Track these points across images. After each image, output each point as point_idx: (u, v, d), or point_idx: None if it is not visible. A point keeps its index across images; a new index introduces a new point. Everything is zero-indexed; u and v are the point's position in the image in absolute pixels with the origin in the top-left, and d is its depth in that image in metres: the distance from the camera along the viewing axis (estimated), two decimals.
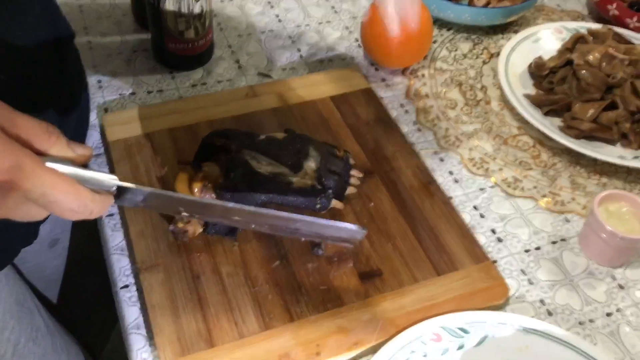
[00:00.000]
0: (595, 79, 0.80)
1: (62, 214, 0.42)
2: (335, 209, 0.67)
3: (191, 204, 0.52)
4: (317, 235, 0.57)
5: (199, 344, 0.57)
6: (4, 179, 0.38)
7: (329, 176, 0.65)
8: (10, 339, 0.65)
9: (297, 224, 0.53)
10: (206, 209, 0.54)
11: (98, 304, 1.00)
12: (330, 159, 0.66)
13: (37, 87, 0.63)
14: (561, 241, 0.71)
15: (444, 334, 0.58)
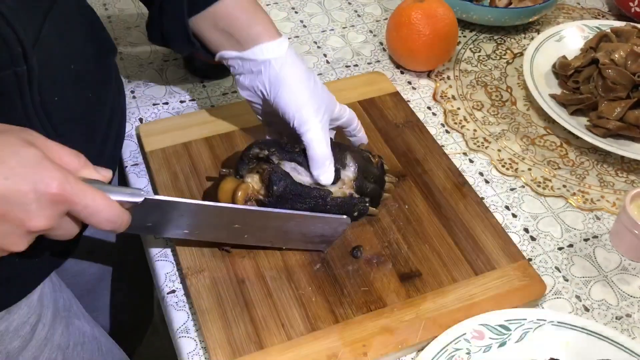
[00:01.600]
0: (621, 77, 0.81)
1: (100, 224, 0.48)
2: (370, 215, 0.69)
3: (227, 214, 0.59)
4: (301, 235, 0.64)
5: (248, 346, 0.59)
6: (57, 193, 0.44)
7: (366, 184, 0.66)
8: (60, 343, 0.68)
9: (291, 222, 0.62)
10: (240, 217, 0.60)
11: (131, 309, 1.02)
12: (367, 167, 0.68)
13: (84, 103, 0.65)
14: (593, 238, 0.72)
15: (485, 332, 0.60)
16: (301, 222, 0.63)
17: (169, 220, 0.60)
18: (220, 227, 0.62)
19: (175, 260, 0.67)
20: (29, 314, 0.63)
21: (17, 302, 0.61)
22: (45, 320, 0.65)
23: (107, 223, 0.49)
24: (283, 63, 0.65)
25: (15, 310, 0.61)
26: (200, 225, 0.62)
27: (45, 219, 0.45)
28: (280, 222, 0.62)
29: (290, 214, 0.62)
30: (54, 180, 0.44)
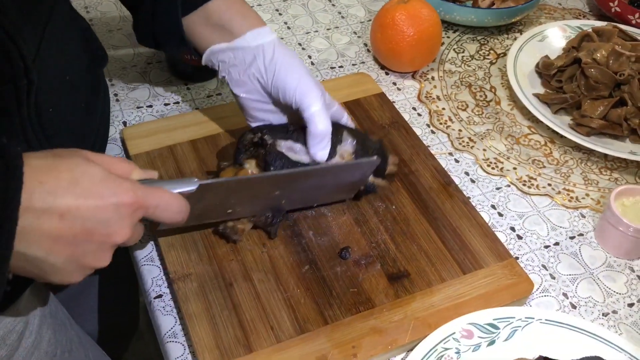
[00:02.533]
0: (603, 76, 0.82)
1: (171, 217, 0.52)
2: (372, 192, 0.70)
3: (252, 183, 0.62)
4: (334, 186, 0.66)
5: (237, 349, 0.58)
6: (132, 201, 0.47)
7: (367, 156, 0.66)
8: (48, 351, 0.66)
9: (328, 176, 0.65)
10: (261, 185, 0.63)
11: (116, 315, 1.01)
12: (366, 141, 0.68)
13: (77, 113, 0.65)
14: (579, 236, 0.73)
15: (474, 331, 0.60)
16: (339, 172, 0.65)
17: (216, 202, 0.61)
18: (262, 198, 0.64)
19: (162, 264, 0.67)
20: (16, 322, 0.62)
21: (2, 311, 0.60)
22: (32, 328, 0.64)
23: (177, 215, 0.53)
24: (275, 46, 0.66)
25: (1, 318, 0.60)
26: (244, 201, 0.63)
27: (127, 229, 0.47)
28: (320, 177, 0.64)
29: (329, 166, 0.64)
30: (126, 191, 0.47)
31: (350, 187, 0.68)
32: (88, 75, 0.68)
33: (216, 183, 0.59)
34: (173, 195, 0.52)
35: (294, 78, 0.65)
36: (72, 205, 0.44)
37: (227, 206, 0.63)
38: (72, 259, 0.46)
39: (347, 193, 0.69)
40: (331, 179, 0.66)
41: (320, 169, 0.64)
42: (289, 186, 0.64)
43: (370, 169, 0.67)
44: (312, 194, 0.67)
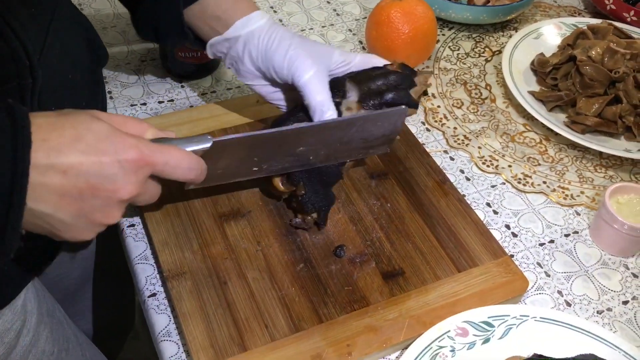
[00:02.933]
0: (598, 74, 0.82)
1: (184, 175, 0.52)
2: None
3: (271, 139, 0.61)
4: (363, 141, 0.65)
5: (232, 348, 0.58)
6: (137, 158, 0.47)
7: (380, 94, 0.65)
8: (45, 349, 0.66)
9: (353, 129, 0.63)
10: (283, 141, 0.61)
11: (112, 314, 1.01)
12: (372, 80, 0.66)
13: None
14: (573, 234, 0.73)
15: (469, 329, 0.60)
16: (362, 125, 0.63)
17: (238, 160, 0.61)
18: (287, 154, 0.62)
19: (156, 262, 0.66)
20: (13, 320, 0.62)
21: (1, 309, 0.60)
22: (30, 326, 0.64)
23: (190, 172, 0.52)
24: (266, 29, 0.66)
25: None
26: (268, 157, 0.62)
27: (133, 185, 0.47)
28: (341, 132, 0.63)
29: (350, 118, 0.63)
30: (131, 147, 0.47)
31: (384, 140, 0.66)
32: (89, 74, 0.68)
33: (231, 140, 0.58)
34: (183, 152, 0.51)
35: (280, 54, 0.64)
36: (75, 162, 0.44)
37: (251, 164, 0.62)
38: (81, 215, 0.46)
39: (383, 146, 0.68)
40: (357, 132, 0.64)
41: (337, 122, 0.63)
42: (311, 141, 0.62)
43: (400, 118, 0.65)
44: (341, 149, 0.65)
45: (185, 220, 0.68)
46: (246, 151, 0.60)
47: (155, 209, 0.69)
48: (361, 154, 0.68)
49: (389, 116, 0.64)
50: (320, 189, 0.66)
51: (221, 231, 0.67)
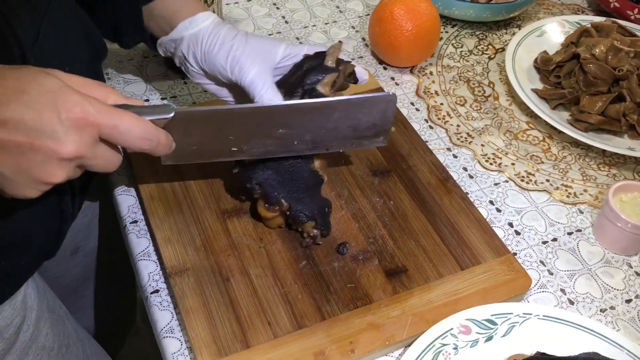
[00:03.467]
0: (602, 72, 0.82)
1: (136, 143, 0.48)
2: None
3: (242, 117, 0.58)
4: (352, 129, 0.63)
5: (234, 345, 0.58)
6: (81, 117, 0.44)
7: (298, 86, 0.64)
8: (45, 345, 0.66)
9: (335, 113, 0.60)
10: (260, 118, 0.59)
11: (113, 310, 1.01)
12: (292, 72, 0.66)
13: None
14: (577, 232, 0.73)
15: (472, 327, 0.60)
16: (346, 110, 0.61)
17: (210, 137, 0.58)
18: (265, 135, 0.60)
19: (159, 259, 0.66)
20: (13, 315, 0.61)
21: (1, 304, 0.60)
22: (30, 322, 0.64)
23: (142, 141, 0.49)
24: (211, 31, 0.66)
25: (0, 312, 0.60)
26: (244, 137, 0.60)
27: (75, 144, 0.44)
28: (322, 117, 0.61)
29: (328, 101, 0.61)
30: (76, 104, 0.44)
31: (376, 130, 0.64)
32: (88, 68, 0.67)
33: (195, 112, 0.55)
34: (137, 119, 0.48)
35: (222, 56, 0.64)
36: (15, 114, 0.42)
37: (228, 143, 0.60)
38: (21, 170, 0.44)
39: (377, 138, 0.65)
40: (342, 118, 0.62)
41: (308, 104, 0.60)
42: (290, 124, 0.60)
43: (389, 106, 0.62)
44: (329, 137, 0.63)
45: (188, 217, 0.68)
46: (216, 127, 0.58)
47: (159, 206, 0.69)
48: (355, 144, 0.65)
49: (375, 103, 0.62)
50: (303, 196, 0.64)
51: (224, 228, 0.67)
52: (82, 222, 0.82)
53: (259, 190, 0.64)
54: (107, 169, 0.49)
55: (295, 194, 0.64)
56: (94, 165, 0.48)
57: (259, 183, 0.63)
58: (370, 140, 0.66)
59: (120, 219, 0.71)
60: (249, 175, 0.63)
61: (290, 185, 0.64)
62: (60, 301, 0.79)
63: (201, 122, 0.57)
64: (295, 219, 0.64)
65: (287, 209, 0.64)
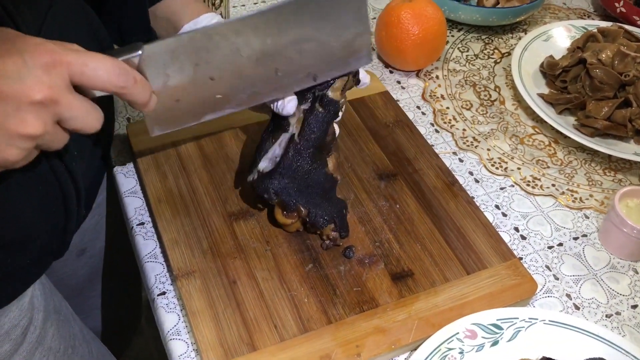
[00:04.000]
0: (608, 77, 0.82)
1: (110, 80, 0.45)
2: None
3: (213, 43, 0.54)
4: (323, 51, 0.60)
5: (241, 348, 0.58)
6: (46, 56, 0.42)
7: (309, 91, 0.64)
8: (52, 346, 0.67)
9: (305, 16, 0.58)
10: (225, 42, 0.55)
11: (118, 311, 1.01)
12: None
13: None
14: (582, 237, 0.73)
15: (478, 331, 0.60)
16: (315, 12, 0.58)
17: (191, 82, 0.55)
18: (247, 70, 0.58)
19: (166, 261, 0.67)
20: (21, 316, 0.62)
21: (8, 304, 0.60)
22: (37, 323, 0.64)
23: (117, 78, 0.45)
24: None
25: (7, 313, 0.60)
26: (224, 73, 0.57)
27: (45, 85, 0.42)
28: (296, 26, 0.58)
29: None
30: (39, 45, 0.42)
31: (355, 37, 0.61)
32: None
33: (162, 43, 0.52)
34: (107, 57, 0.45)
35: None
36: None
37: (209, 87, 0.57)
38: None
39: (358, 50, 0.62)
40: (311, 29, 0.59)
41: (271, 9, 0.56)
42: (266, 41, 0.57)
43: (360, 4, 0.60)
44: (308, 58, 0.60)
45: (195, 220, 0.68)
46: (192, 62, 0.54)
47: (166, 208, 0.69)
48: (341, 64, 0.62)
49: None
50: (320, 201, 0.65)
51: (230, 231, 0.68)
52: (89, 224, 0.82)
53: (276, 200, 0.64)
54: (88, 124, 0.45)
55: (312, 200, 0.64)
56: (73, 118, 0.44)
57: (276, 192, 0.63)
58: (355, 57, 0.63)
59: (127, 220, 0.71)
60: (265, 185, 0.63)
61: (307, 192, 0.64)
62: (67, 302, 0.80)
63: (174, 56, 0.53)
64: (315, 225, 0.64)
65: (306, 215, 0.64)
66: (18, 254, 0.60)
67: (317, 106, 0.63)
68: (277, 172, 0.63)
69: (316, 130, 0.64)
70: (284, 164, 0.63)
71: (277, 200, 0.64)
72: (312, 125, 0.63)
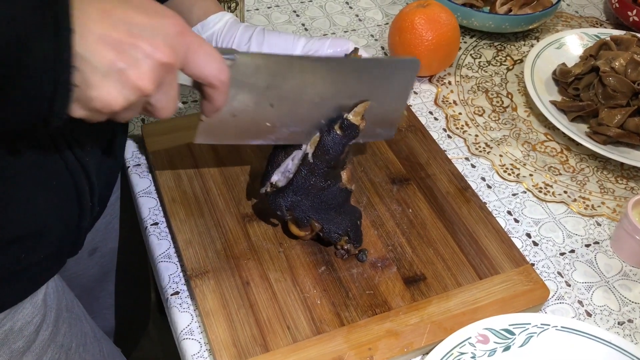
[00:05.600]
0: (621, 85, 0.82)
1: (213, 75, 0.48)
2: None
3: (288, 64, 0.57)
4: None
5: (254, 348, 0.58)
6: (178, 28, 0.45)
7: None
8: (63, 344, 0.67)
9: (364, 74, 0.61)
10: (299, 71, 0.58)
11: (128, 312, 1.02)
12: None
13: None
14: (594, 244, 0.73)
15: (490, 336, 0.60)
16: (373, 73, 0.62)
17: (255, 103, 0.57)
18: (303, 104, 0.60)
19: (179, 261, 0.67)
20: (34, 314, 0.62)
21: (22, 300, 0.61)
22: (49, 321, 0.65)
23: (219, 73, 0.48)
24: (225, 33, 0.66)
25: (20, 310, 0.61)
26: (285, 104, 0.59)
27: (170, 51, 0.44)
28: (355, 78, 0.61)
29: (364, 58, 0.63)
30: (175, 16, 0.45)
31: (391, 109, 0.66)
32: None
33: (254, 56, 0.56)
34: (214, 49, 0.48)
35: None
36: (117, 6, 0.43)
37: (266, 112, 0.59)
38: (115, 68, 0.43)
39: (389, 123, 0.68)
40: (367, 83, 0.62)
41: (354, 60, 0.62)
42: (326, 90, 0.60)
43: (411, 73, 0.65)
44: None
45: (209, 220, 0.69)
46: (267, 83, 0.57)
47: (180, 209, 0.69)
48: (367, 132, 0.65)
49: (400, 66, 0.64)
50: (335, 216, 0.64)
51: (244, 232, 0.68)
52: (101, 223, 0.83)
53: (289, 217, 0.64)
54: (168, 108, 0.48)
55: (326, 215, 0.64)
56: (165, 94, 0.46)
57: (289, 209, 0.63)
58: (383, 127, 0.67)
59: (141, 220, 0.72)
60: (278, 202, 0.63)
61: (320, 207, 0.64)
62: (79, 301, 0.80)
63: (257, 72, 0.55)
64: (329, 239, 0.64)
65: (320, 230, 0.64)
66: (32, 250, 0.60)
67: (336, 128, 0.62)
68: (289, 189, 0.63)
69: (332, 152, 0.62)
70: (296, 182, 0.63)
71: (289, 217, 0.64)
72: (327, 147, 0.62)
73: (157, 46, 0.44)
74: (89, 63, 0.42)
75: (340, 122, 0.62)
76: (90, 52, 0.42)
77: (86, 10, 0.41)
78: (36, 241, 0.60)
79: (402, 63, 0.65)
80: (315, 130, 0.62)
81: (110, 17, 0.42)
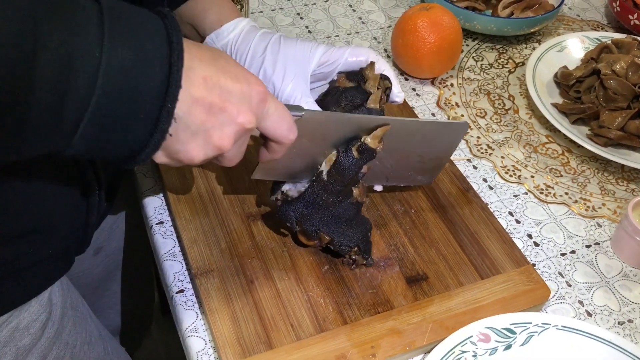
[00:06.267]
0: (622, 88, 0.83)
1: (282, 135, 0.52)
2: None
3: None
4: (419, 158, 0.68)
5: (258, 346, 0.59)
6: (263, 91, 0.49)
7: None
8: (68, 342, 0.68)
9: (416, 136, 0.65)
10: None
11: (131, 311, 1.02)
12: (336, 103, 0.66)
13: None
14: (595, 245, 0.73)
15: (491, 335, 0.61)
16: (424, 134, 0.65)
17: (308, 151, 0.61)
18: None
19: (184, 259, 0.68)
20: (40, 311, 0.63)
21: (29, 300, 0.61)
22: (55, 319, 0.65)
23: (288, 133, 0.52)
24: (240, 43, 0.67)
25: (26, 307, 0.61)
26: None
27: (252, 116, 0.48)
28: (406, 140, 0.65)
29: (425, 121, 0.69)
30: (258, 82, 0.49)
31: (435, 163, 0.70)
32: None
33: (321, 114, 0.60)
34: (287, 110, 0.52)
35: (255, 69, 0.65)
36: (213, 74, 0.46)
37: (318, 158, 0.62)
38: (204, 128, 0.46)
39: (430, 172, 0.71)
40: (417, 143, 0.66)
41: (409, 121, 0.66)
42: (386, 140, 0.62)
43: (458, 135, 0.68)
44: (397, 167, 0.68)
45: (214, 219, 0.69)
46: (323, 136, 0.60)
47: (185, 208, 0.70)
48: (409, 178, 0.71)
49: (451, 129, 0.67)
50: (345, 229, 0.64)
51: (248, 231, 0.69)
52: (106, 222, 0.84)
53: (298, 228, 0.64)
54: (233, 161, 0.52)
55: (337, 229, 0.63)
56: (230, 155, 0.50)
57: (298, 221, 0.63)
58: (424, 175, 0.71)
59: (146, 219, 0.73)
60: (288, 213, 0.63)
61: (331, 221, 0.63)
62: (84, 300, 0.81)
63: (319, 127, 0.59)
64: (340, 251, 0.65)
65: (330, 243, 0.64)
66: (40, 245, 0.61)
67: (353, 150, 0.62)
68: (300, 202, 0.63)
69: (347, 174, 0.62)
70: (308, 196, 0.63)
71: (299, 229, 0.64)
72: (343, 167, 0.62)
73: (242, 112, 0.48)
74: (183, 120, 0.45)
75: (358, 144, 0.62)
76: (186, 111, 0.45)
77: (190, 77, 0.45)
78: (44, 236, 0.61)
79: (453, 126, 0.68)
80: (332, 148, 0.63)
81: (208, 83, 0.46)
